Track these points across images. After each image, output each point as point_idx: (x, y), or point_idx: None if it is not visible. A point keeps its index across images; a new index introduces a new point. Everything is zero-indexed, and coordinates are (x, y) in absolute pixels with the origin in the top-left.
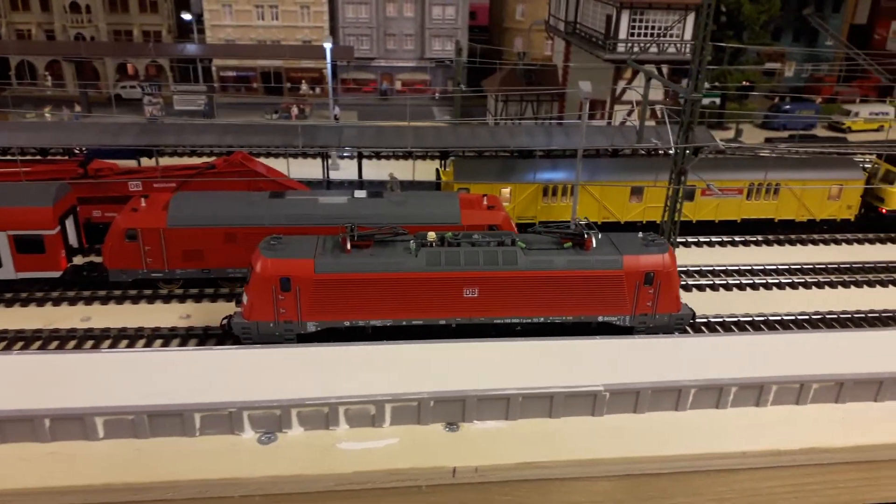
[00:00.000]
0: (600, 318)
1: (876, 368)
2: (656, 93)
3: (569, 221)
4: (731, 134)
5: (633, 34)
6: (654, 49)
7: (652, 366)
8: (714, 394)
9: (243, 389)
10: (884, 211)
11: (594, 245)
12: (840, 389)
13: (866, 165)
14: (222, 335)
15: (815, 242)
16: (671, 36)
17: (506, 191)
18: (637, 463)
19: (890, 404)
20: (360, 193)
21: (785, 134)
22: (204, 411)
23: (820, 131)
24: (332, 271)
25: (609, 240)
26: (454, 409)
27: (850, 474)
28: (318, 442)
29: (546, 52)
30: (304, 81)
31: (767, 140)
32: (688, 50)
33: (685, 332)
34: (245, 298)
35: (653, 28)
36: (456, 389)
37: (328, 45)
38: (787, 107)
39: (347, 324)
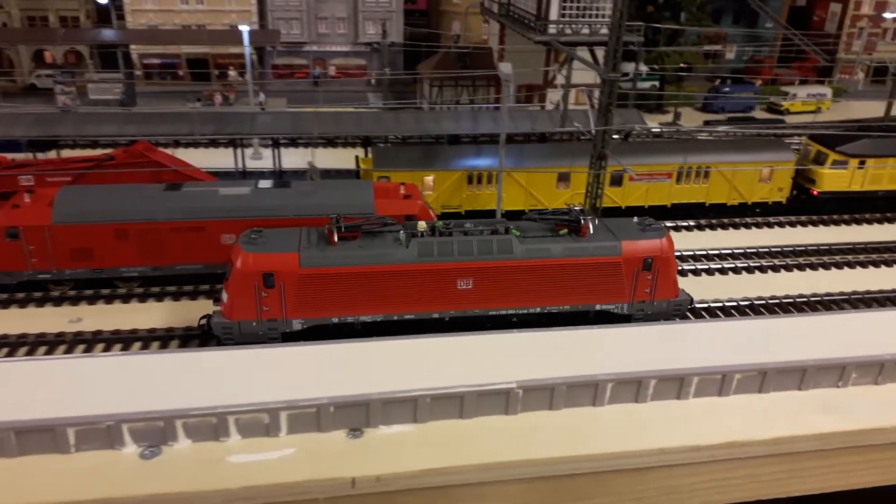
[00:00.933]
0: (598, 307)
1: (800, 356)
2: (594, 76)
3: (563, 208)
4: (670, 117)
5: (564, 15)
6: (586, 30)
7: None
8: (632, 387)
9: (125, 400)
10: (815, 193)
11: (591, 231)
12: (763, 379)
13: (798, 147)
14: (201, 335)
15: (746, 226)
16: (602, 17)
17: (429, 179)
18: (552, 464)
19: (813, 393)
20: (265, 183)
21: (724, 116)
22: (78, 425)
23: (759, 113)
24: (319, 265)
25: (605, 225)
26: (357, 414)
27: (772, 467)
28: (207, 455)
29: (484, 35)
30: (231, 67)
31: (706, 123)
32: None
33: (684, 318)
34: (225, 296)
35: (585, 9)
36: (358, 393)
37: (245, 29)
38: (727, 89)
39: (336, 320)
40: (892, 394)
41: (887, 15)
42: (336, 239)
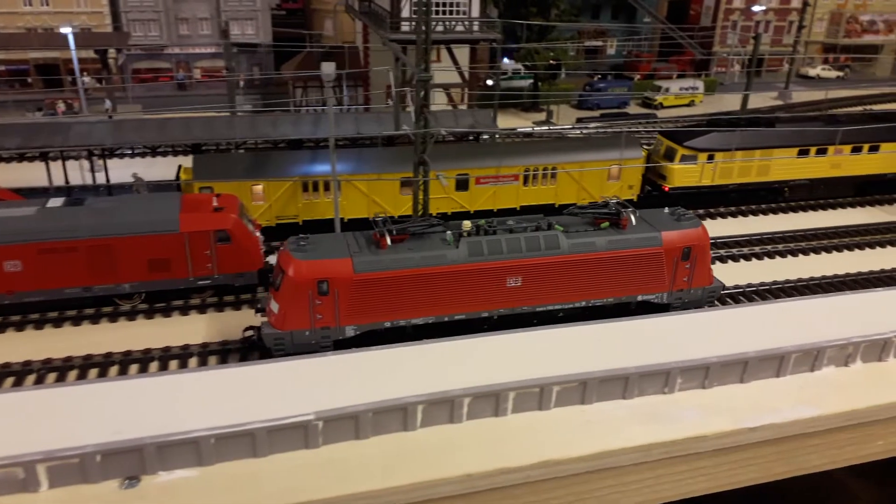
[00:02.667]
0: (640, 298)
1: (624, 363)
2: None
3: (602, 201)
4: (544, 116)
5: (416, 12)
6: (440, 28)
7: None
8: (446, 408)
9: None
10: (667, 189)
11: (632, 223)
12: (584, 390)
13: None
14: (246, 349)
15: None
16: (458, 13)
17: (258, 188)
18: (355, 500)
19: (637, 402)
20: (56, 202)
21: (598, 113)
22: None
23: (633, 109)
24: (373, 270)
25: (642, 218)
26: (130, 460)
27: (595, 483)
28: None
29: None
30: (85, 73)
31: (579, 120)
32: (475, 27)
33: (715, 305)
34: (275, 306)
35: (441, 6)
36: (131, 437)
37: (68, 31)
38: (601, 85)
39: (388, 324)
40: (718, 398)
41: (756, 8)
42: (389, 241)
